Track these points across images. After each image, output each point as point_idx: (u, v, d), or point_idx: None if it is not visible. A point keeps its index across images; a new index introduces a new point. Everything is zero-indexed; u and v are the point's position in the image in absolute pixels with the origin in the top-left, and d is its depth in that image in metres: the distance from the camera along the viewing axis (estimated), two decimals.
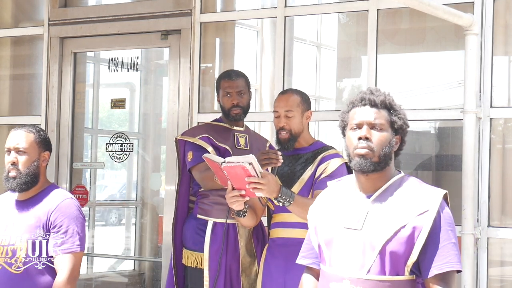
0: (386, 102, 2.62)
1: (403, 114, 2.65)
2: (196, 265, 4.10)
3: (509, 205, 4.62)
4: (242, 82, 4.22)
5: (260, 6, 5.98)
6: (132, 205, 7.45)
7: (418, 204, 2.52)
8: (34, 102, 6.23)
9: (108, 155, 5.93)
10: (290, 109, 3.75)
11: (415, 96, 5.26)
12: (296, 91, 3.87)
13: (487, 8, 4.45)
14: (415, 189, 2.58)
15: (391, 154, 2.61)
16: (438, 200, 2.52)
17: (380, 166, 2.57)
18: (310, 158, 3.78)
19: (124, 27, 5.72)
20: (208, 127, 4.28)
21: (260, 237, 4.20)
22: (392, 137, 2.60)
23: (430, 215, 2.48)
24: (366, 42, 4.83)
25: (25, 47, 6.39)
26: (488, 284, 4.38)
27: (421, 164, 5.07)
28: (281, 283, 3.70)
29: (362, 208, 2.58)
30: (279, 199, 3.42)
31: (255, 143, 4.29)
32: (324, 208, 2.72)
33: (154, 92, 7.12)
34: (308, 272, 2.78)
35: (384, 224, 2.51)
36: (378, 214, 2.54)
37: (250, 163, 3.20)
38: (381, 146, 2.57)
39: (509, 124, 4.67)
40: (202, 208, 4.15)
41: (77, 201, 3.55)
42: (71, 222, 3.42)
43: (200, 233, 4.11)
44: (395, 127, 2.61)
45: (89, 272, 6.56)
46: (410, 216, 2.49)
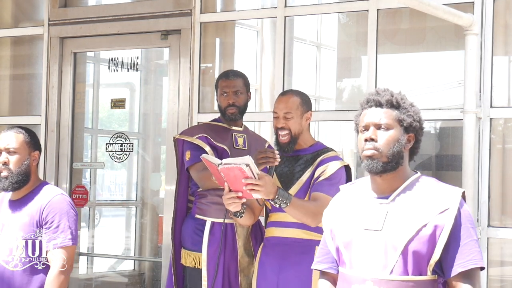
0: (392, 101, 2.62)
1: (414, 111, 2.63)
2: (195, 265, 4.11)
3: (509, 205, 4.62)
4: (240, 82, 4.23)
5: (260, 6, 5.97)
6: (132, 205, 7.45)
7: (438, 203, 2.51)
8: (34, 102, 6.23)
9: (108, 155, 5.93)
10: (289, 111, 3.75)
11: (415, 96, 5.25)
12: (296, 93, 3.86)
13: (487, 8, 4.45)
14: (434, 188, 2.58)
15: (401, 153, 2.59)
16: (458, 198, 2.52)
17: (390, 166, 2.56)
18: (310, 159, 3.77)
19: (124, 27, 5.72)
20: (206, 126, 4.29)
21: (258, 237, 4.20)
22: (402, 136, 2.59)
23: (451, 213, 2.48)
24: (366, 42, 4.83)
25: (25, 47, 6.39)
26: (488, 284, 4.38)
27: (421, 164, 5.06)
28: (274, 282, 3.69)
29: (381, 209, 2.57)
30: (276, 200, 3.42)
31: (253, 143, 4.29)
32: (339, 211, 2.70)
33: (154, 92, 7.12)
34: (324, 277, 2.76)
35: (405, 224, 2.50)
36: (398, 214, 2.53)
37: (247, 165, 3.21)
38: (388, 145, 2.56)
39: (509, 124, 4.67)
40: (200, 208, 4.15)
41: (68, 197, 3.63)
42: (62, 217, 3.49)
43: (198, 233, 4.11)
44: (404, 125, 2.60)
45: (89, 272, 6.56)
46: (431, 214, 2.49)
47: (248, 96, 4.28)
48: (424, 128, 2.68)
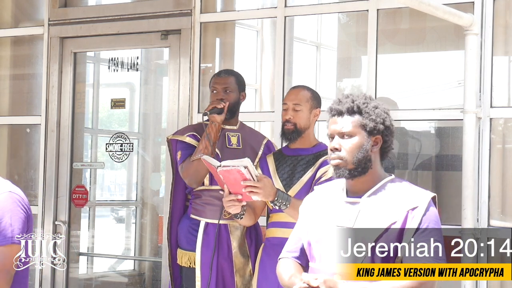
0: (353, 107, 2.68)
1: (377, 114, 2.68)
2: (190, 264, 4.11)
3: (509, 205, 4.62)
4: (231, 80, 4.20)
5: (260, 6, 5.97)
6: (132, 205, 7.44)
7: (408, 202, 2.59)
8: (34, 102, 6.23)
9: (108, 155, 5.93)
10: (299, 103, 3.78)
11: (415, 96, 5.25)
12: (307, 88, 3.91)
13: (487, 8, 4.45)
14: (405, 189, 2.66)
15: (368, 157, 2.66)
16: (427, 199, 2.60)
17: (358, 171, 2.65)
18: (312, 160, 3.78)
19: (124, 27, 5.72)
20: (198, 126, 4.29)
21: (253, 237, 4.19)
22: (366, 141, 2.65)
23: (419, 212, 2.56)
24: (366, 42, 4.83)
25: (25, 47, 6.39)
26: (488, 284, 4.38)
27: (421, 164, 5.06)
28: (276, 283, 3.69)
29: (354, 208, 2.64)
30: (275, 202, 3.43)
31: (249, 141, 4.26)
32: (313, 208, 2.78)
33: (154, 92, 7.12)
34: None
35: (376, 222, 2.57)
36: (370, 212, 2.61)
37: (245, 167, 3.22)
38: (352, 152, 2.64)
39: (509, 124, 4.66)
40: (195, 208, 4.16)
41: (18, 195, 3.43)
42: (4, 215, 3.32)
43: (193, 233, 4.11)
44: (367, 130, 2.66)
45: (89, 272, 6.55)
46: (401, 212, 2.57)
47: (241, 96, 4.24)
48: (392, 126, 2.72)
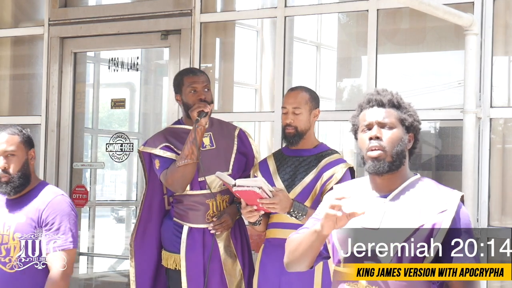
0: (393, 101, 2.62)
1: (413, 111, 2.65)
2: (175, 267, 4.05)
3: (509, 205, 4.62)
4: (206, 78, 4.06)
5: (260, 6, 5.97)
6: (132, 205, 7.44)
7: (437, 204, 2.52)
8: (34, 102, 6.23)
9: (108, 155, 5.93)
10: (298, 106, 3.77)
11: (415, 96, 5.25)
12: (305, 89, 3.87)
13: (487, 8, 4.45)
14: (433, 190, 2.59)
15: (404, 153, 2.60)
16: (457, 201, 2.53)
17: (395, 165, 2.57)
18: (314, 161, 3.77)
19: (124, 27, 5.72)
20: (167, 133, 4.11)
21: (237, 235, 4.11)
22: (404, 135, 2.60)
23: (449, 215, 2.49)
24: (366, 42, 4.83)
25: (25, 47, 6.39)
26: (488, 284, 4.38)
27: (421, 164, 5.06)
28: (276, 284, 3.69)
29: (379, 208, 2.57)
30: (291, 213, 3.46)
31: (221, 138, 4.10)
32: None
33: (154, 92, 7.12)
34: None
35: (402, 224, 2.51)
36: (396, 214, 2.54)
37: (259, 187, 3.28)
38: (392, 144, 2.57)
39: (509, 124, 4.67)
40: (177, 212, 4.08)
41: (68, 198, 3.54)
42: (63, 219, 3.41)
43: (177, 235, 4.04)
44: (406, 125, 2.61)
45: (89, 272, 6.55)
46: (429, 215, 2.50)
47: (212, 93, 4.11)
48: (421, 128, 2.69)
